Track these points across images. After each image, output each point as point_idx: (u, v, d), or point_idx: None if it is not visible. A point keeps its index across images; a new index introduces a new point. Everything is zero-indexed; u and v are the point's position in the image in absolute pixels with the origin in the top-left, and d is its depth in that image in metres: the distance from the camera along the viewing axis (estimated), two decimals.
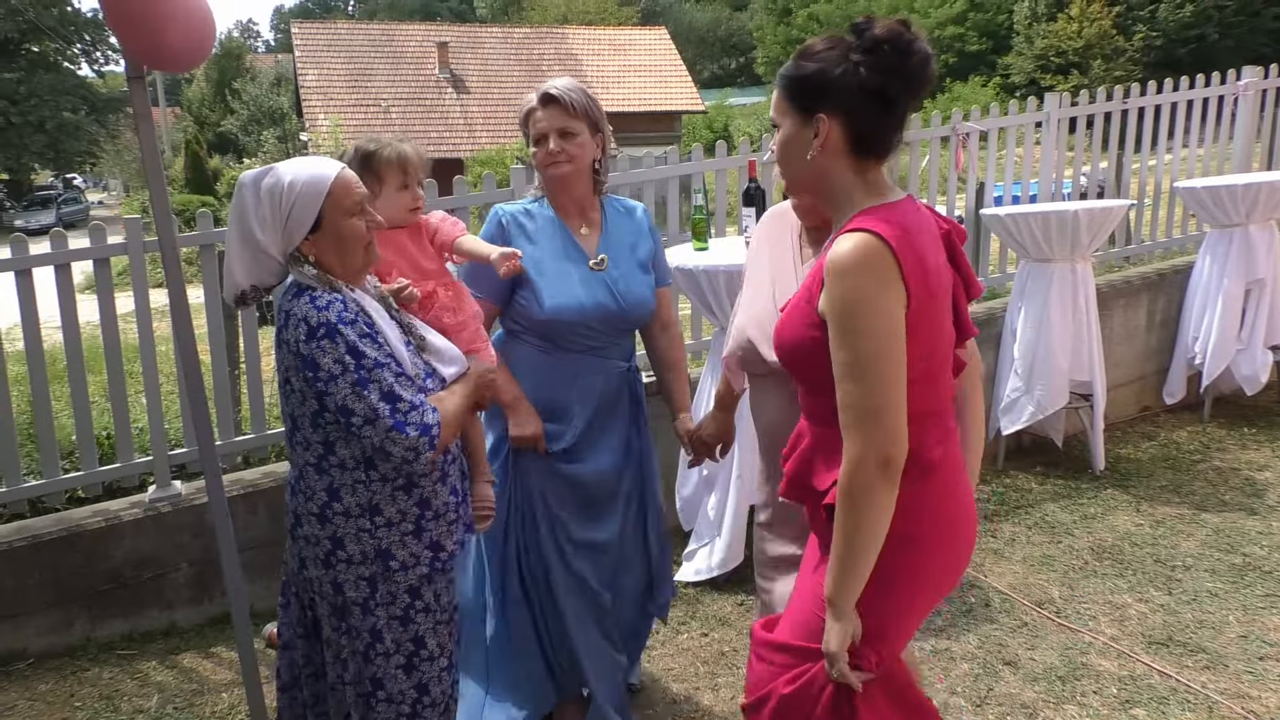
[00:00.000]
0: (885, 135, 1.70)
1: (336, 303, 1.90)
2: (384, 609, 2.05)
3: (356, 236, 1.98)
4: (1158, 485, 4.52)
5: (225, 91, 32.93)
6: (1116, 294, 5.28)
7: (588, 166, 2.62)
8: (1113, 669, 3.09)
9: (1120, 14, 35.08)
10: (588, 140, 2.59)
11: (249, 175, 1.98)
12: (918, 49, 1.63)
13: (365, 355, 1.87)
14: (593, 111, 2.59)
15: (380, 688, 2.07)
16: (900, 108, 1.67)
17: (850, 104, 1.66)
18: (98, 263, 3.74)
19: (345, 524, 2.00)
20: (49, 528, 3.53)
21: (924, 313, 1.64)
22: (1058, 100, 5.56)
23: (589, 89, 2.63)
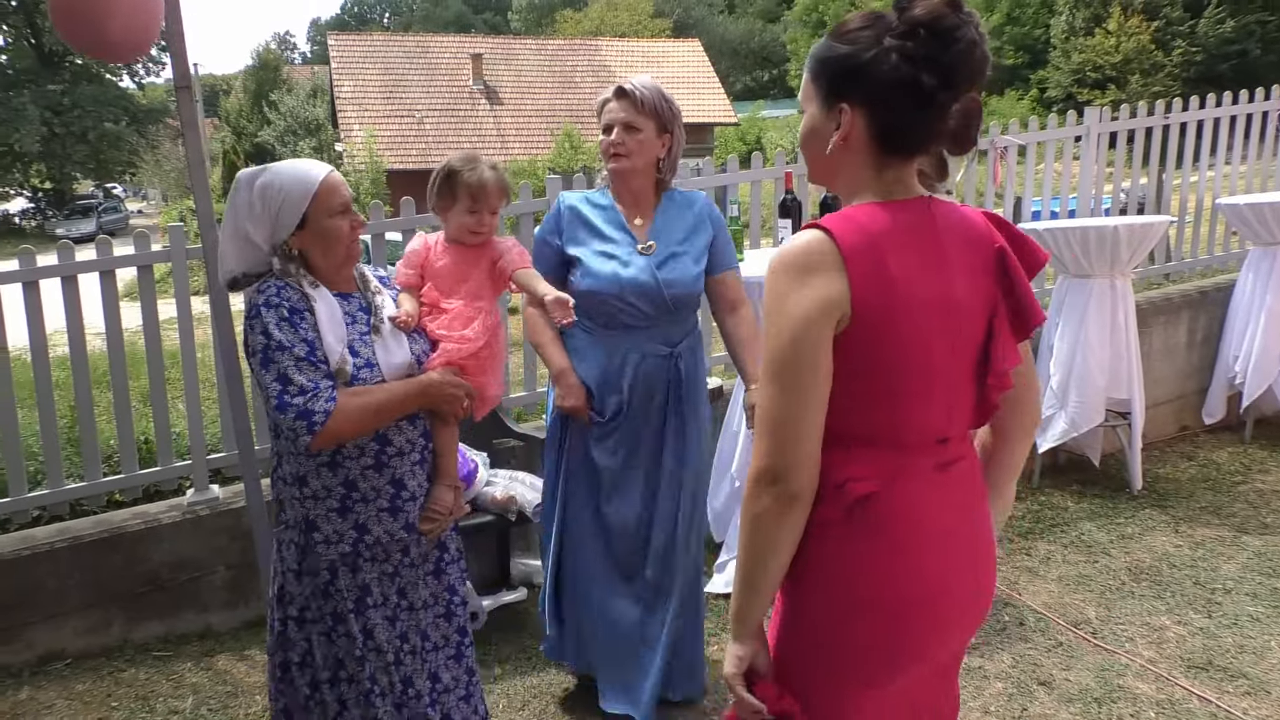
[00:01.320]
0: (917, 132, 1.47)
1: (270, 288, 2.06)
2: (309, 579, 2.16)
3: (338, 235, 2.13)
4: (1197, 506, 4.45)
5: (262, 103, 33.31)
6: (1156, 311, 5.22)
7: (649, 163, 2.68)
8: (1150, 692, 3.04)
9: (1159, 29, 34.72)
10: (651, 138, 2.64)
11: (246, 173, 2.14)
12: (963, 35, 1.39)
13: (273, 336, 2.00)
14: (663, 111, 2.64)
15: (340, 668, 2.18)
16: (939, 101, 1.42)
17: (878, 95, 1.45)
18: (141, 269, 3.80)
19: (282, 490, 2.18)
20: (89, 529, 3.59)
21: (879, 328, 1.44)
22: (1097, 114, 5.51)
23: (665, 90, 2.67)
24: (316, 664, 2.18)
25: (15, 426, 3.68)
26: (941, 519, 1.55)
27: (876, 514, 1.50)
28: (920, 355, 1.47)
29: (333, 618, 2.16)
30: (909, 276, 1.45)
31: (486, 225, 2.39)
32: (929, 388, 1.50)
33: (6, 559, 3.44)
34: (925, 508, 1.53)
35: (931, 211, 1.51)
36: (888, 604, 1.52)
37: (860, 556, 1.52)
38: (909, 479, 1.52)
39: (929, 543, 1.54)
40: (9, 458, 3.67)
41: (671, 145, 2.71)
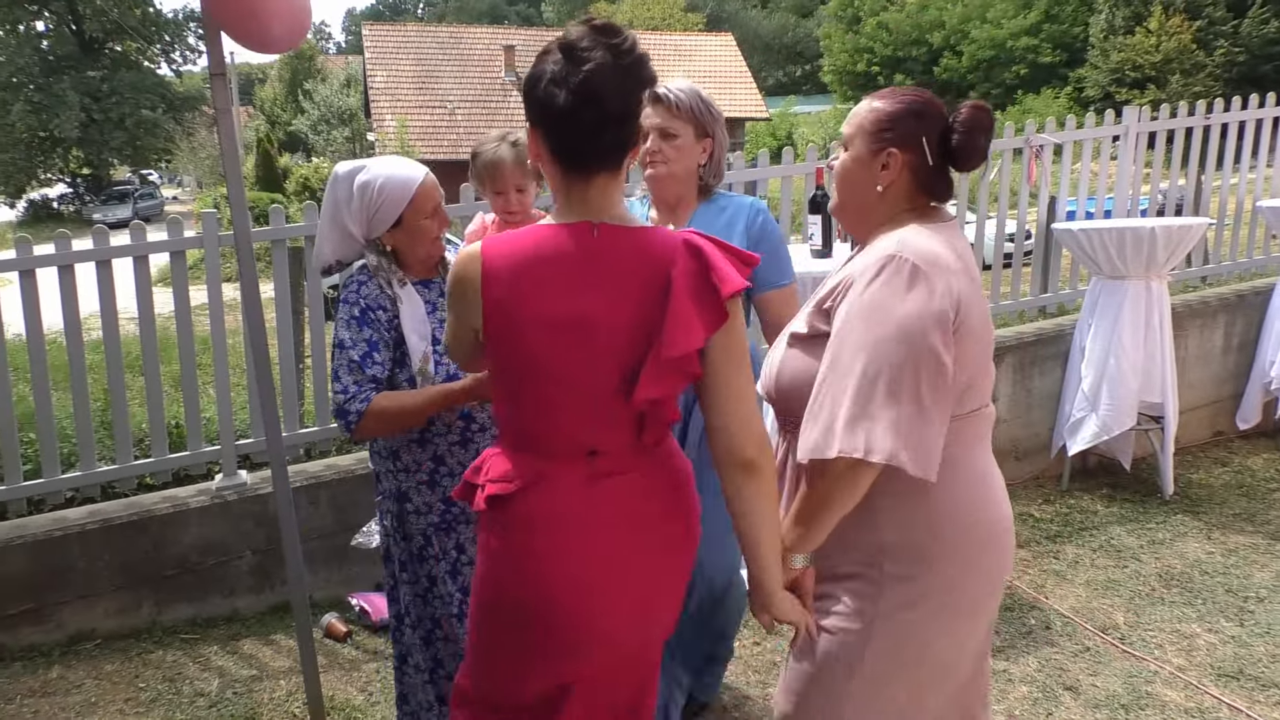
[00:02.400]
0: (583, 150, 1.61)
1: (353, 283, 2.25)
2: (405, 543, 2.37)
3: (426, 234, 2.27)
4: (1230, 513, 4.38)
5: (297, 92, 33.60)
6: (1192, 314, 5.14)
7: (688, 170, 2.53)
8: (1179, 700, 3.00)
9: (1201, 28, 34.14)
10: (690, 143, 2.51)
11: (343, 168, 2.25)
12: (593, 56, 1.55)
13: (339, 333, 2.18)
14: (701, 115, 2.50)
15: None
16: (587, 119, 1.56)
17: (541, 116, 1.60)
18: (174, 255, 3.84)
19: (379, 463, 2.36)
20: (120, 512, 3.63)
21: (503, 340, 1.61)
22: (1136, 114, 5.43)
23: (703, 93, 2.53)
24: (412, 621, 2.38)
25: (49, 409, 3.73)
26: (584, 532, 1.63)
27: (510, 516, 1.65)
28: (545, 368, 1.60)
29: (428, 579, 2.34)
30: (540, 294, 1.57)
31: (516, 204, 2.42)
32: (565, 400, 1.61)
33: (39, 539, 3.49)
34: (564, 518, 1.63)
35: (592, 235, 1.60)
36: (507, 606, 1.68)
37: (493, 556, 1.68)
38: (549, 487, 1.64)
39: (562, 553, 1.63)
40: (43, 440, 3.72)
41: (713, 149, 2.56)
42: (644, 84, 1.60)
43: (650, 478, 1.70)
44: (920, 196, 1.80)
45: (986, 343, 1.75)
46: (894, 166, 1.76)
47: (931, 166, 1.76)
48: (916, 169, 1.77)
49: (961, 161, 1.76)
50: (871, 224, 1.81)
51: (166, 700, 3.19)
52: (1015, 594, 3.68)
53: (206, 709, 3.13)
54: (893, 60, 45.60)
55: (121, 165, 42.41)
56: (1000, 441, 4.73)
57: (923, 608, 1.70)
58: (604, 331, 1.58)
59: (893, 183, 1.78)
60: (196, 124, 37.68)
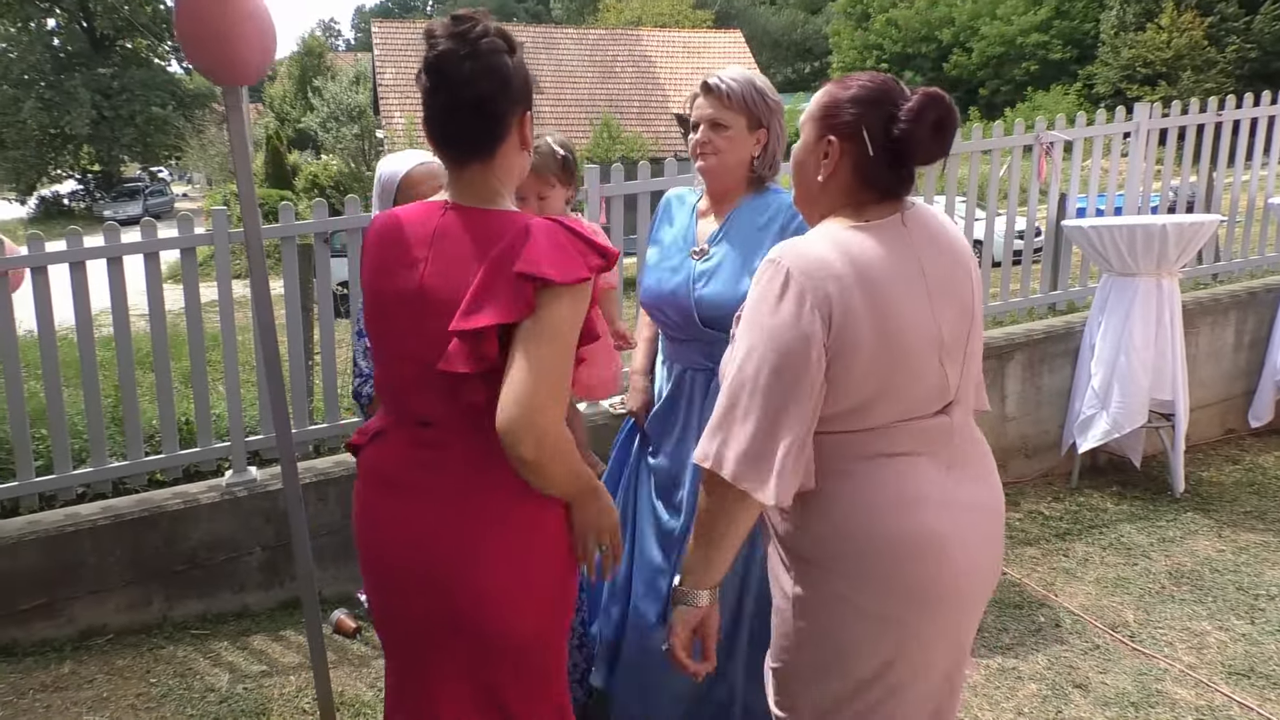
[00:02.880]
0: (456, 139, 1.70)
1: None
2: None
3: None
4: (1241, 510, 4.36)
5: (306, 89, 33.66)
6: (1203, 311, 5.12)
7: (740, 161, 2.43)
8: (1190, 698, 2.99)
9: (1213, 24, 33.95)
10: (742, 135, 2.41)
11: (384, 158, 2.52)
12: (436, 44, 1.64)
13: (359, 321, 2.32)
14: (755, 105, 2.40)
15: None
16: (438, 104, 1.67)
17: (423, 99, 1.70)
18: (184, 252, 3.85)
19: None
20: (131, 508, 3.65)
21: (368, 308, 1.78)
22: (1148, 110, 5.40)
23: (759, 82, 2.42)
24: None
25: (61, 405, 3.75)
26: (401, 492, 1.73)
27: (359, 464, 1.84)
28: (385, 336, 1.74)
29: None
30: (387, 267, 1.70)
31: (537, 210, 2.39)
32: (402, 369, 1.72)
33: (52, 534, 3.51)
34: (388, 476, 1.75)
35: (443, 216, 1.69)
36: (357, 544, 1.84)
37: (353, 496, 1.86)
38: (385, 444, 1.78)
39: (373, 503, 1.78)
40: (55, 436, 3.74)
41: (768, 141, 2.45)
42: (496, 74, 1.62)
43: (476, 451, 1.65)
44: (864, 190, 1.68)
45: (899, 355, 1.59)
46: (833, 156, 1.67)
47: (873, 158, 1.63)
48: (857, 160, 1.65)
49: (907, 155, 1.62)
50: (815, 216, 1.74)
51: (178, 695, 3.20)
52: (1025, 591, 3.68)
53: (217, 704, 3.14)
54: (902, 57, 45.46)
55: (132, 162, 42.56)
56: (1010, 439, 4.72)
57: (824, 612, 1.67)
58: (436, 307, 1.62)
59: (833, 173, 1.68)
60: (206, 121, 37.78)
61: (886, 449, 1.64)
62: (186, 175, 52.71)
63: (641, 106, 31.16)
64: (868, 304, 1.56)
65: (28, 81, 35.96)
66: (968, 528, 1.68)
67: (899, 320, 1.58)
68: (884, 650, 1.65)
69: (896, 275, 1.60)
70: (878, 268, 1.59)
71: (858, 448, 1.64)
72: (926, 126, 1.59)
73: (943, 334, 1.64)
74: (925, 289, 1.63)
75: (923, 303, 1.62)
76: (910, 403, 1.64)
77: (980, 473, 1.77)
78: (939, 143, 1.61)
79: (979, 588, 1.73)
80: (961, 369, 1.70)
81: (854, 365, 1.57)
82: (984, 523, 1.73)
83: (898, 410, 1.63)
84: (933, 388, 1.65)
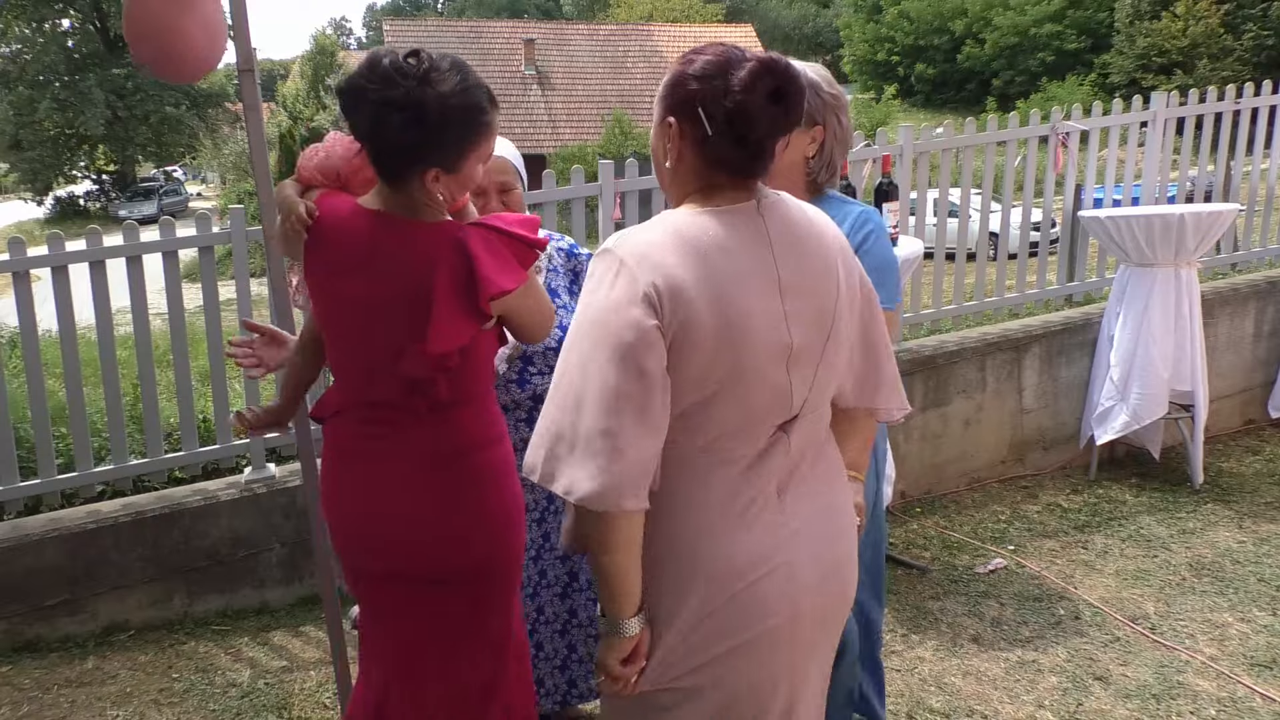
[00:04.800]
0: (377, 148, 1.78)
1: None
2: None
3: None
4: (1262, 501, 4.33)
5: (319, 87, 33.73)
6: (1222, 302, 5.08)
7: (791, 163, 2.24)
8: (1211, 690, 2.97)
9: (1229, 12, 33.62)
10: (795, 134, 2.19)
11: None
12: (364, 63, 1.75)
13: None
14: (814, 100, 2.20)
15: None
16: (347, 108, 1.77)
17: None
18: (203, 251, 3.87)
19: None
20: (151, 505, 3.68)
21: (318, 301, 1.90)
22: (1165, 100, 5.36)
23: (813, 73, 2.22)
24: None
25: (82, 403, 3.78)
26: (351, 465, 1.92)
27: (324, 434, 1.99)
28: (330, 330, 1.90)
29: None
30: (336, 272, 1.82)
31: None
32: (346, 360, 1.90)
33: (74, 531, 3.54)
34: (344, 450, 1.93)
35: (373, 225, 1.80)
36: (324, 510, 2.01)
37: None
38: (341, 422, 1.94)
39: (335, 473, 1.95)
40: (76, 434, 3.77)
41: (824, 139, 2.24)
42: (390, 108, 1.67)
43: (416, 440, 1.85)
44: (713, 173, 1.53)
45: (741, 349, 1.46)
46: (674, 138, 1.54)
47: (713, 136, 1.49)
48: (699, 140, 1.51)
49: (747, 128, 1.47)
50: (673, 204, 1.61)
51: (200, 691, 3.23)
52: (1044, 584, 3.66)
53: (239, 699, 3.16)
54: (914, 49, 45.21)
55: (146, 162, 42.77)
56: (1027, 431, 4.70)
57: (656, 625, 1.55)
58: (382, 313, 1.79)
59: (679, 156, 1.55)
60: (220, 120, 37.93)
61: (716, 461, 1.52)
62: (200, 174, 52.99)
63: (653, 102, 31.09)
64: (706, 292, 1.44)
65: (43, 82, 36.16)
66: (797, 552, 1.55)
67: (741, 313, 1.45)
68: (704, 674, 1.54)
69: (742, 265, 1.48)
70: (720, 254, 1.47)
71: (687, 457, 1.52)
72: (761, 95, 1.45)
73: (792, 338, 1.50)
74: (776, 286, 1.50)
75: (771, 300, 1.49)
76: (749, 411, 1.50)
77: (821, 497, 1.62)
78: (780, 112, 1.47)
79: (809, 616, 1.58)
80: (812, 384, 1.55)
81: (693, 358, 1.45)
82: (817, 549, 1.58)
83: (735, 417, 1.50)
84: (774, 398, 1.52)
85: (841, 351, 1.61)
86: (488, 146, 1.82)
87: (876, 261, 2.17)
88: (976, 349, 4.55)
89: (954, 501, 4.46)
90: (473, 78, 1.75)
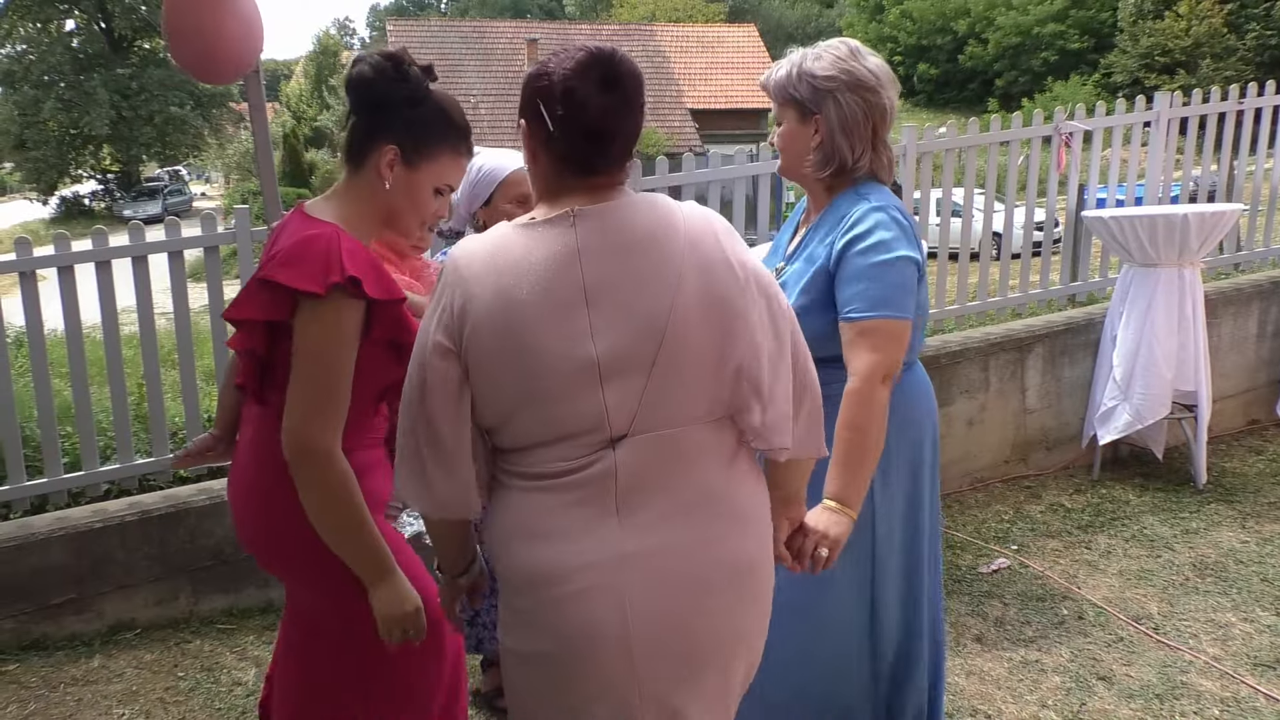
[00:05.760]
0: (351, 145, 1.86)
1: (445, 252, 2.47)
2: None
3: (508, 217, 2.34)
4: (1265, 501, 4.33)
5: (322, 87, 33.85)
6: (1225, 302, 5.08)
7: (797, 156, 2.14)
8: (1215, 690, 2.98)
9: (1232, 11, 33.63)
10: (794, 127, 2.13)
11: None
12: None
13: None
14: (798, 91, 2.08)
15: None
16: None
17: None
18: (208, 250, 3.89)
19: None
20: (157, 504, 3.69)
21: None
22: (1168, 99, 5.37)
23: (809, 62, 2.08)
24: None
25: (88, 403, 3.79)
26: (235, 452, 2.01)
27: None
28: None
29: None
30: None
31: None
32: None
33: (81, 530, 3.55)
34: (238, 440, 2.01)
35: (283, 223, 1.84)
36: None
37: None
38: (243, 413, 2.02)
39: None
40: (82, 433, 3.79)
41: (824, 127, 2.08)
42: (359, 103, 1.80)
43: (258, 433, 1.85)
44: (563, 174, 1.52)
45: (532, 369, 1.46)
46: (525, 140, 1.56)
47: (554, 134, 1.49)
48: (545, 139, 1.51)
49: (582, 119, 1.47)
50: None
51: (205, 689, 3.24)
52: (1047, 584, 3.67)
53: (244, 697, 3.17)
54: (917, 49, 45.23)
55: (150, 162, 42.85)
56: (1030, 431, 4.71)
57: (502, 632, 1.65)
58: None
59: (534, 159, 1.56)
60: (224, 120, 37.99)
61: (532, 474, 1.52)
62: (204, 174, 53.10)
63: (656, 102, 31.12)
64: (499, 311, 1.45)
65: (48, 83, 36.26)
66: (627, 576, 1.50)
67: (532, 332, 1.45)
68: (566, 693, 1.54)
69: (539, 281, 1.45)
70: (517, 272, 1.46)
71: (510, 466, 1.55)
72: (592, 83, 1.45)
73: (596, 352, 1.46)
74: (582, 296, 1.46)
75: (572, 314, 1.46)
76: (554, 428, 1.49)
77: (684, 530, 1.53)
78: (615, 101, 1.47)
79: (646, 643, 1.50)
80: (641, 396, 1.48)
81: (486, 375, 1.47)
82: (664, 579, 1.51)
83: (541, 433, 1.50)
84: (583, 415, 1.48)
85: (689, 363, 1.49)
86: (451, 169, 1.88)
87: (852, 271, 2.02)
88: (979, 349, 4.56)
89: (957, 501, 4.47)
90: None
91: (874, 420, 1.95)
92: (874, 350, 1.95)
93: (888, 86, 2.07)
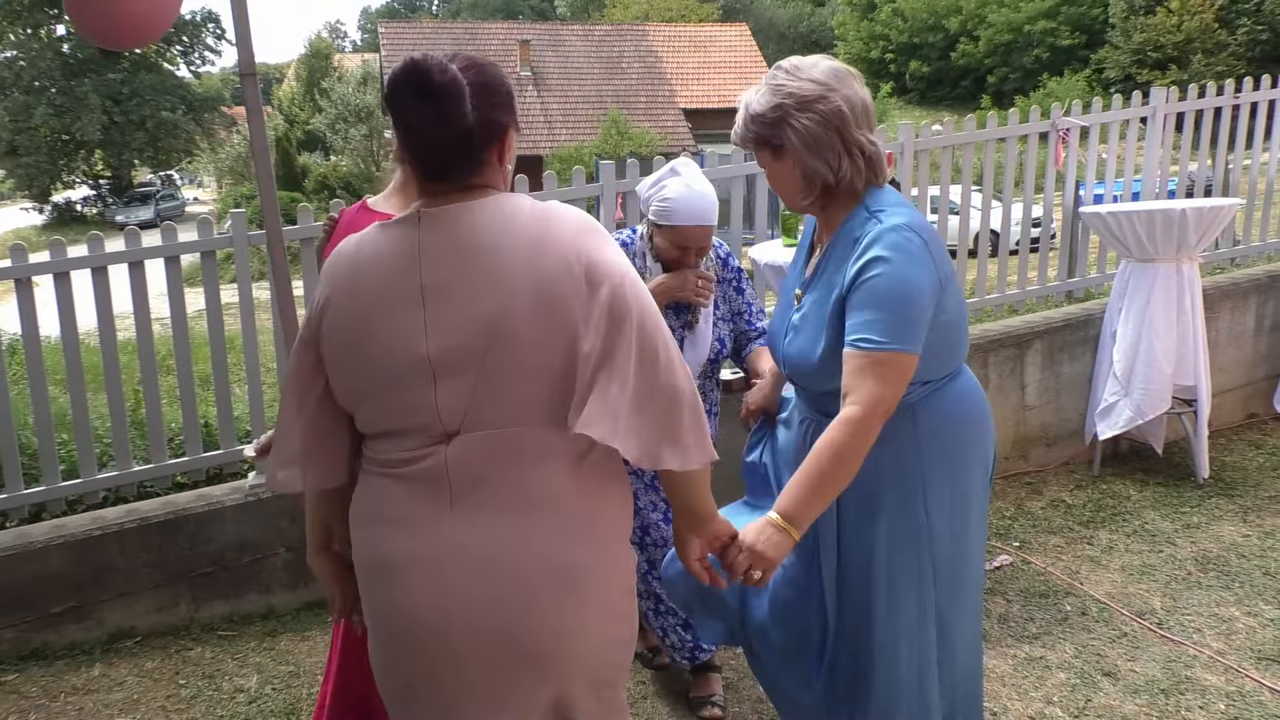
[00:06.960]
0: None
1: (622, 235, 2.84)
2: None
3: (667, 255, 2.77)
4: (1266, 495, 4.34)
5: (314, 90, 33.75)
6: (1223, 296, 5.09)
7: (793, 191, 2.03)
8: (1219, 684, 2.98)
9: (1224, 7, 33.72)
10: (773, 167, 2.03)
11: (684, 160, 2.77)
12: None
13: None
14: (759, 133, 1.99)
15: None
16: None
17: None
18: (204, 255, 3.87)
19: None
20: (156, 511, 3.67)
21: None
22: (1164, 95, 5.37)
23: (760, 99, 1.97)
24: None
25: (85, 410, 3.77)
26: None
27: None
28: None
29: None
30: None
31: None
32: None
33: (79, 538, 3.53)
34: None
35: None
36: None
37: None
38: None
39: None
40: (79, 440, 3.77)
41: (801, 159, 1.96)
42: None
43: None
44: (422, 178, 1.58)
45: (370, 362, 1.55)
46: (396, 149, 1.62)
47: (401, 141, 1.55)
48: (399, 146, 1.58)
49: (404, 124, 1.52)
50: None
51: (207, 697, 3.22)
52: (1050, 580, 3.67)
53: (246, 705, 3.16)
54: (908, 47, 45.28)
55: (143, 167, 42.75)
56: (1030, 427, 4.71)
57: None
58: None
59: (401, 163, 1.69)
60: (216, 124, 37.89)
61: (381, 460, 1.61)
62: (196, 179, 52.99)
63: (649, 102, 31.15)
64: (348, 306, 1.56)
65: (38, 88, 36.10)
66: (453, 568, 1.54)
67: (370, 328, 1.54)
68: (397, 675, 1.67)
69: (383, 279, 1.54)
70: (364, 268, 1.57)
71: (368, 452, 1.65)
72: (406, 94, 1.49)
73: (429, 350, 1.50)
74: (419, 294, 1.51)
75: (409, 311, 1.51)
76: (391, 420, 1.57)
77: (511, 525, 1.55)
78: (436, 112, 1.48)
79: (463, 630, 1.54)
80: (472, 395, 1.51)
81: (334, 366, 1.60)
82: (483, 566, 1.53)
83: (387, 422, 1.58)
84: (416, 410, 1.53)
85: (521, 363, 1.50)
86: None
87: (864, 298, 1.89)
88: (978, 346, 4.55)
89: None
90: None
91: (859, 452, 1.85)
92: (882, 383, 1.84)
93: (836, 88, 1.93)
